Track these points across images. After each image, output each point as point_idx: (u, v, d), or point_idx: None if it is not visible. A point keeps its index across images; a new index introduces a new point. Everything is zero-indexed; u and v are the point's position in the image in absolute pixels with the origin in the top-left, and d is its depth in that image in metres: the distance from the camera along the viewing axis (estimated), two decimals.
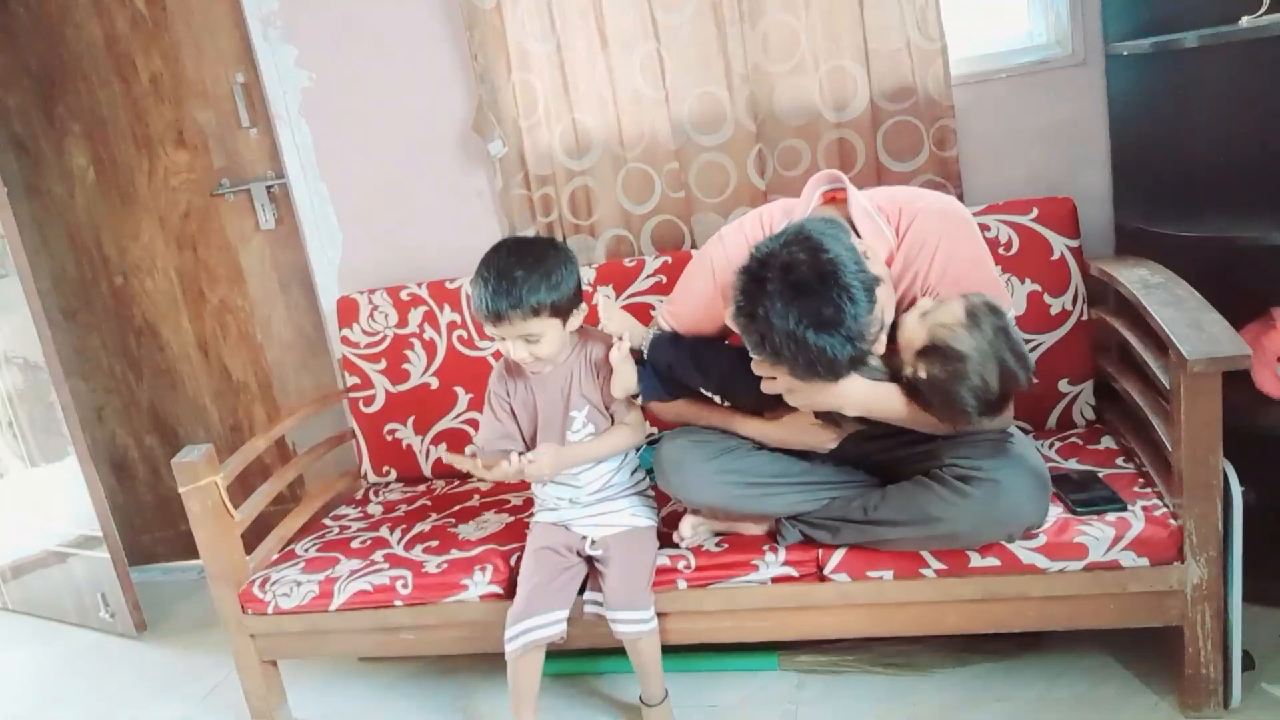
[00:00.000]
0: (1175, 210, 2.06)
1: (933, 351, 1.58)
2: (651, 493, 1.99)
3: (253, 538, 2.14)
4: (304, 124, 2.59)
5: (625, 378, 1.83)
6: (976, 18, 2.26)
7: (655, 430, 2.09)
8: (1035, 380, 1.70)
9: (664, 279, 2.29)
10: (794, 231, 1.55)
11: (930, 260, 1.68)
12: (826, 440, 1.77)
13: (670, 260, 2.30)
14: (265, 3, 2.52)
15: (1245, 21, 1.85)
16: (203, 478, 2.00)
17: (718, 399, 1.89)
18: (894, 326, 1.65)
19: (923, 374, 1.60)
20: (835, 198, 1.77)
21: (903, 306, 1.69)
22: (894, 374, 1.66)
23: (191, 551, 2.14)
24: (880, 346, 1.61)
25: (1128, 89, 2.11)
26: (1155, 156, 2.11)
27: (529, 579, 1.85)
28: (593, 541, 1.88)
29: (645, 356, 1.86)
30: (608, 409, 1.89)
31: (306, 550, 2.16)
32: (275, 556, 2.17)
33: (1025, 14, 2.26)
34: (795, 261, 1.50)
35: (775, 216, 1.80)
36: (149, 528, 3.10)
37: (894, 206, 1.72)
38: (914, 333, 1.62)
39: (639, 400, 1.87)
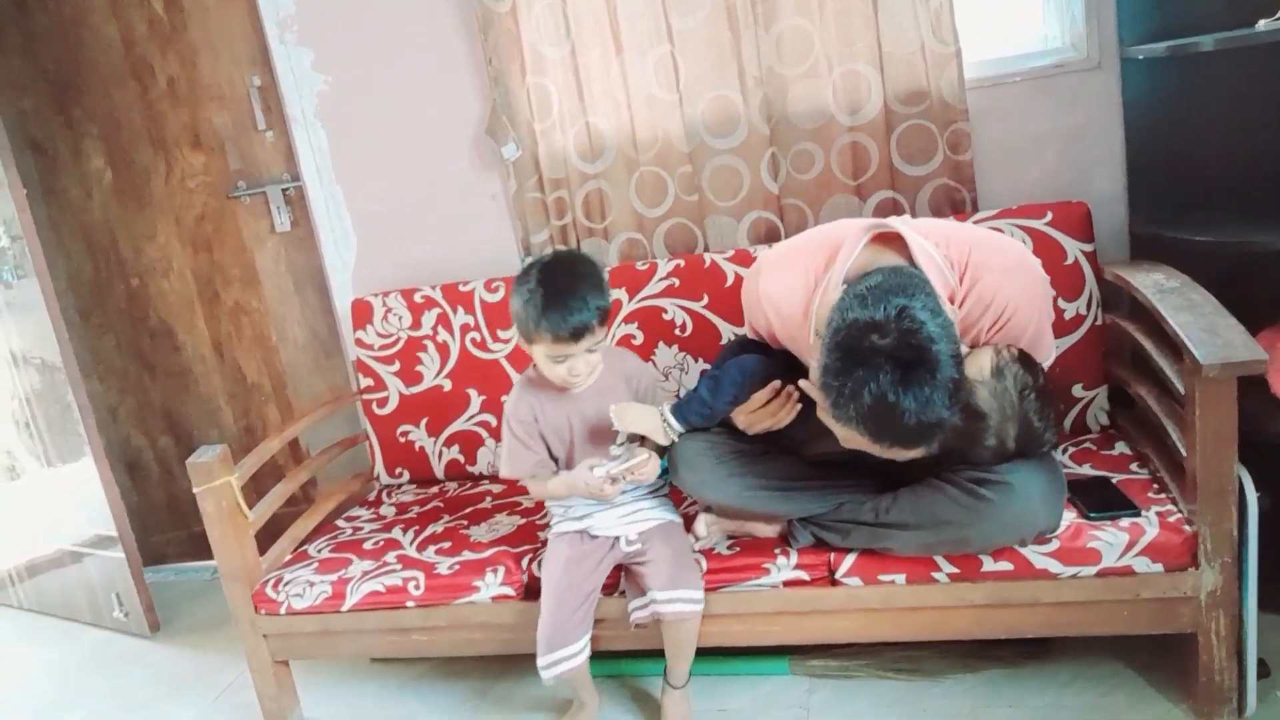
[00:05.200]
0: (1190, 215, 2.05)
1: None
2: (669, 495, 1.99)
3: (266, 538, 2.15)
4: (319, 127, 2.60)
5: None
6: (991, 21, 2.25)
7: None
8: (1055, 445, 1.67)
9: (676, 282, 2.29)
10: (889, 306, 1.44)
11: (994, 322, 1.62)
12: None
13: (683, 264, 2.30)
14: (282, 6, 2.54)
15: (1262, 25, 1.84)
16: (217, 478, 2.01)
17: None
18: None
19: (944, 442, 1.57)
20: (884, 237, 1.65)
21: None
22: None
23: (205, 552, 2.15)
24: None
25: (1143, 93, 2.11)
26: (1170, 161, 2.10)
27: (554, 607, 1.83)
28: (629, 540, 1.87)
29: (680, 432, 1.82)
30: None
31: (319, 551, 2.17)
32: (288, 557, 2.18)
33: (1040, 18, 2.25)
34: (897, 345, 1.42)
35: (818, 263, 1.68)
36: (162, 528, 3.12)
37: (961, 255, 1.62)
38: None
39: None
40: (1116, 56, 2.12)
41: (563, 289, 1.74)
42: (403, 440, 2.50)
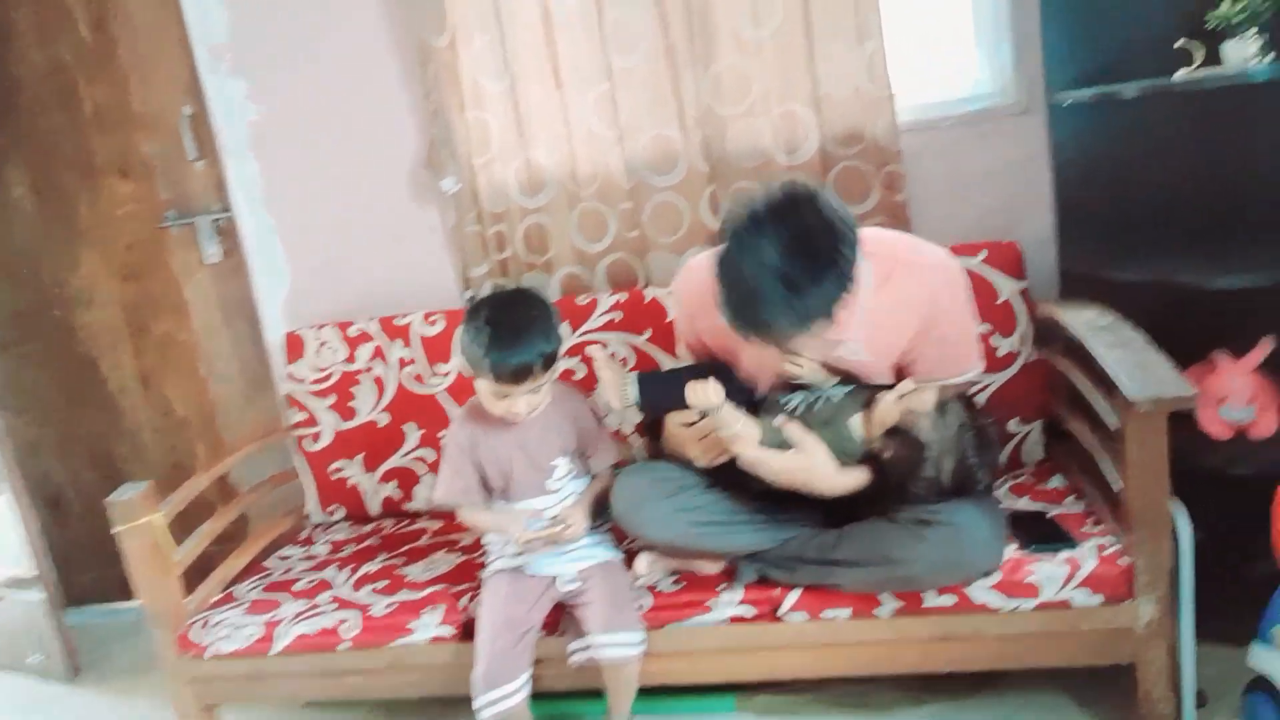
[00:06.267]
0: (1119, 254, 2.11)
1: (898, 434, 1.65)
2: (610, 532, 1.97)
3: (194, 578, 2.07)
4: (252, 157, 2.56)
5: (617, 385, 1.79)
6: (926, 66, 2.31)
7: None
8: (989, 488, 1.73)
9: (618, 316, 2.28)
10: (788, 184, 1.54)
11: (917, 315, 1.69)
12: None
13: (625, 298, 2.30)
14: (214, 34, 2.50)
15: (1180, 75, 1.92)
16: (141, 516, 1.94)
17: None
18: (869, 403, 1.70)
19: (888, 453, 1.66)
20: None
21: (878, 350, 1.72)
22: (867, 451, 1.70)
23: (131, 591, 2.07)
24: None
25: (1070, 137, 2.17)
26: (1098, 202, 2.16)
27: (490, 645, 1.79)
28: (568, 579, 1.85)
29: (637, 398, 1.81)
30: (584, 457, 1.91)
31: (249, 592, 2.10)
32: (216, 598, 2.10)
33: (972, 63, 2.31)
34: (792, 208, 1.51)
35: None
36: (86, 567, 2.98)
37: (889, 255, 1.68)
38: (888, 412, 1.67)
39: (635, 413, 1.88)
40: (1044, 102, 2.18)
41: (510, 330, 1.73)
42: (336, 477, 2.43)
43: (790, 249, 1.48)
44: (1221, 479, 1.86)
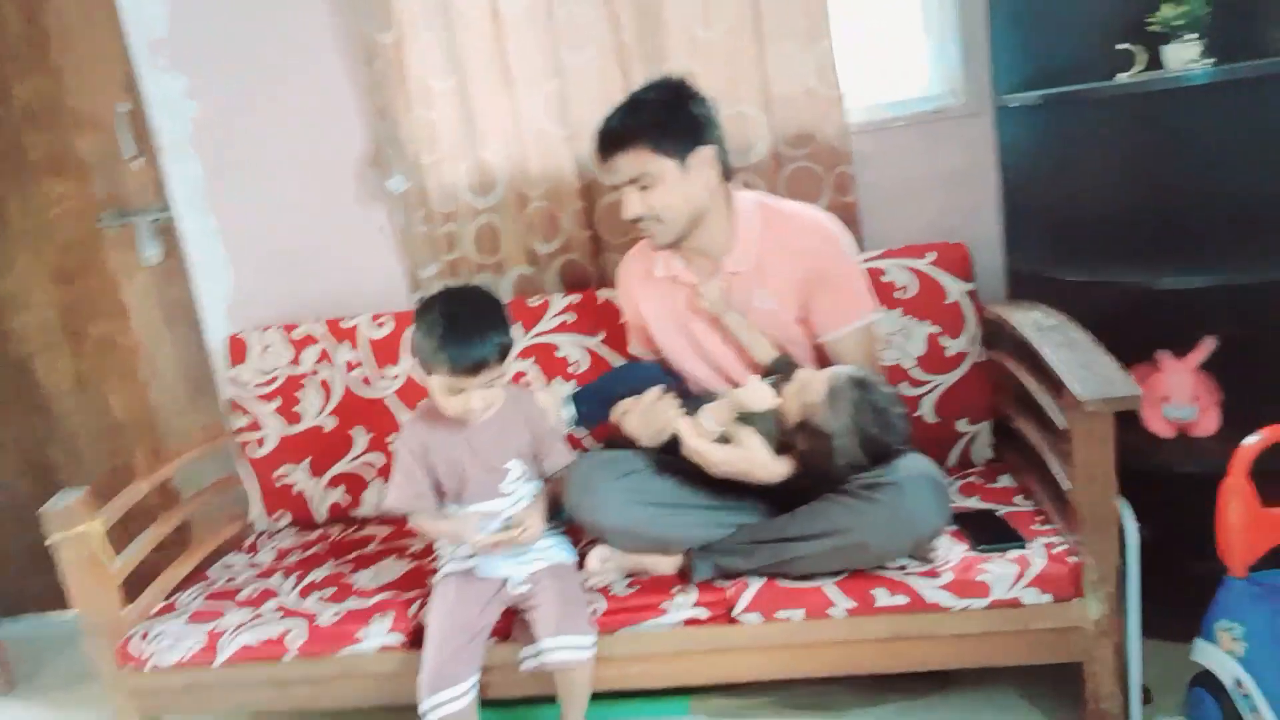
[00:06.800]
0: (1065, 255, 2.14)
1: (804, 428, 1.72)
2: (565, 533, 1.95)
3: (135, 587, 2.01)
4: (193, 155, 2.49)
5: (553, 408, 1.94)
6: (875, 68, 2.32)
7: None
8: (908, 444, 1.77)
9: (571, 318, 2.26)
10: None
11: (801, 265, 1.88)
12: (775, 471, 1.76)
13: (578, 299, 2.27)
14: (153, 29, 2.43)
15: (1120, 78, 1.95)
16: (77, 524, 1.88)
17: None
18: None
19: (803, 446, 1.73)
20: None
21: (779, 294, 1.90)
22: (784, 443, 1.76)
23: (68, 601, 1.98)
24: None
25: (1018, 138, 2.20)
26: (1045, 203, 2.19)
27: (438, 648, 1.76)
28: (518, 582, 1.82)
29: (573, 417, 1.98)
30: (535, 460, 1.88)
31: (191, 601, 2.04)
32: (158, 608, 2.04)
33: (921, 66, 2.33)
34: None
35: None
36: (22, 575, 2.88)
37: (772, 205, 1.95)
38: (791, 408, 1.74)
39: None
40: (992, 104, 2.20)
41: (465, 322, 1.72)
42: (282, 482, 2.38)
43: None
44: (1165, 477, 1.89)
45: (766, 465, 1.74)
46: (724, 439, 1.76)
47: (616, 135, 1.84)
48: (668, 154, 1.82)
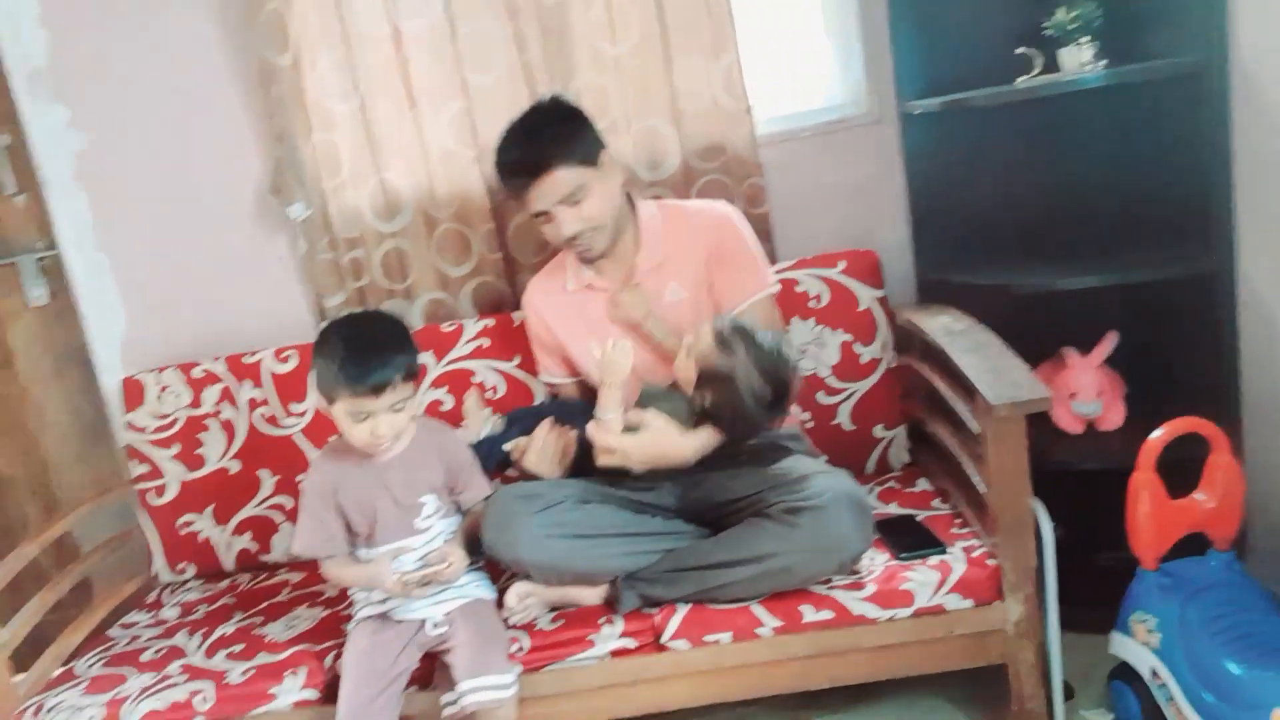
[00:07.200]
0: (970, 259, 2.17)
1: (705, 379, 1.75)
2: (484, 569, 1.89)
3: (30, 655, 1.89)
4: (79, 189, 2.37)
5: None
6: (782, 78, 2.32)
7: None
8: (799, 376, 1.86)
9: (486, 342, 2.21)
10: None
11: (703, 245, 1.94)
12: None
13: (493, 323, 2.23)
14: (31, 58, 2.31)
15: (1020, 82, 1.98)
16: None
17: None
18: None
19: (708, 402, 1.76)
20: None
21: (687, 281, 1.96)
22: (692, 411, 1.80)
23: None
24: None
25: (921, 146, 2.22)
26: (949, 209, 2.22)
27: (350, 697, 1.68)
28: (435, 623, 1.75)
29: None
30: (452, 494, 1.82)
31: (90, 667, 1.92)
32: (54, 676, 1.92)
33: (825, 75, 2.34)
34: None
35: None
36: None
37: (672, 205, 2.06)
38: (686, 369, 1.78)
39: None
40: (896, 111, 2.22)
41: (364, 343, 1.67)
42: (185, 531, 2.27)
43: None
44: (1076, 473, 1.93)
45: (679, 443, 1.78)
46: (630, 430, 1.79)
47: (535, 163, 1.85)
48: (587, 163, 1.87)
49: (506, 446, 1.91)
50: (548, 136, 1.86)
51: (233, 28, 2.27)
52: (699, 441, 1.79)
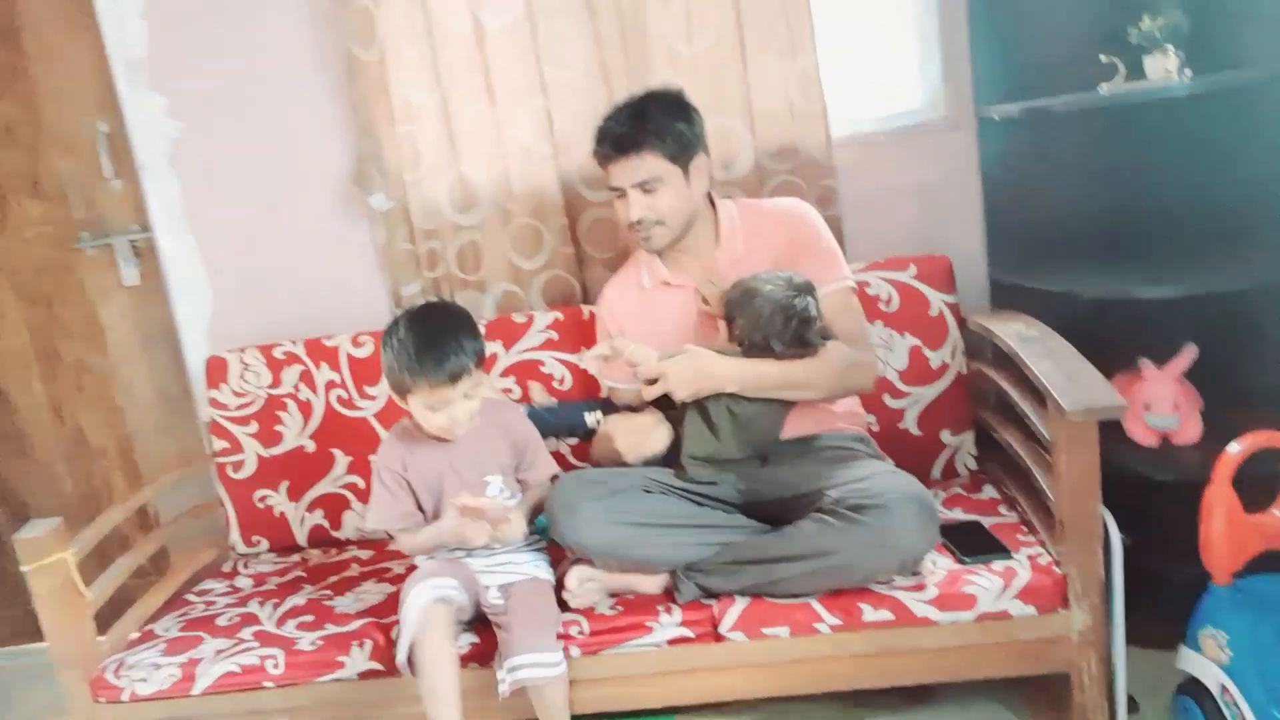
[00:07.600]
0: (1046, 265, 2.15)
1: (733, 310, 1.85)
2: (546, 552, 1.92)
3: (111, 616, 1.97)
4: (172, 175, 2.47)
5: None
6: (857, 81, 2.32)
7: None
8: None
9: (555, 335, 2.25)
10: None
11: (782, 233, 1.97)
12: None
13: (561, 316, 2.26)
14: (132, 49, 2.41)
15: (1103, 89, 1.96)
16: (50, 554, 1.83)
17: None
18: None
19: (743, 335, 1.84)
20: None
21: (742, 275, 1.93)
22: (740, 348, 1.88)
23: (41, 631, 1.95)
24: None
25: (998, 150, 2.21)
26: (1025, 214, 2.20)
27: (425, 564, 1.80)
28: (495, 590, 1.79)
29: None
30: (518, 472, 1.86)
31: (167, 630, 2.00)
32: (133, 637, 2.00)
33: (903, 79, 2.33)
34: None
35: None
36: None
37: (749, 205, 2.07)
38: (716, 313, 1.90)
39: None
40: (973, 116, 2.21)
41: (434, 334, 1.70)
42: (261, 506, 2.34)
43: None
44: (1148, 485, 1.89)
45: (716, 359, 1.83)
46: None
47: (630, 139, 1.88)
48: (676, 161, 1.89)
49: (590, 418, 1.95)
50: (651, 120, 1.88)
51: (322, 22, 2.34)
52: (736, 363, 1.83)
